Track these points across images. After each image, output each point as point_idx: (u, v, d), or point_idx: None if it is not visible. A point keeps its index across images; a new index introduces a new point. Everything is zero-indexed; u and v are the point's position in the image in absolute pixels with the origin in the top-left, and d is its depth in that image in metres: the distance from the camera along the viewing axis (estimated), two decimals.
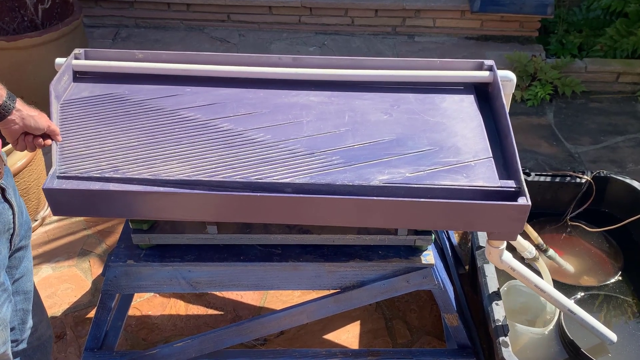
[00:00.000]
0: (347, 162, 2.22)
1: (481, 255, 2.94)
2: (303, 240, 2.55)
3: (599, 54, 5.21)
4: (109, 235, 3.75)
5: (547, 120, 4.74)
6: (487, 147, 2.30)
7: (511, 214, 2.12)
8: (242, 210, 2.17)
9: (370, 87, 2.58)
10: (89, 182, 2.15)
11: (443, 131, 2.37)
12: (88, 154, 2.24)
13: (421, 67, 2.60)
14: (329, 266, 2.56)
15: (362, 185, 2.14)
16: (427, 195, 2.14)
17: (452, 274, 3.27)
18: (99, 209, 2.20)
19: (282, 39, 5.60)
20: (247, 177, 2.15)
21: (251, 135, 2.32)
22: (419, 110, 2.47)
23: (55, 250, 3.65)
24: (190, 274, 2.56)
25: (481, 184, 2.15)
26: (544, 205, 3.37)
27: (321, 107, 2.48)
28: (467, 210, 2.12)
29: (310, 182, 2.15)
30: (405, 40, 5.57)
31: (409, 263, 2.56)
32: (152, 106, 2.44)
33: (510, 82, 2.54)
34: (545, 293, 2.62)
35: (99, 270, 3.51)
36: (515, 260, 2.54)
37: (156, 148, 2.27)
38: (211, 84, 2.56)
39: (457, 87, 2.59)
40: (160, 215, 2.21)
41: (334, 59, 2.61)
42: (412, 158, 2.24)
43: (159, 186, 2.14)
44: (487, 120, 2.44)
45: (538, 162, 4.30)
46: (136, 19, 5.69)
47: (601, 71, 5.04)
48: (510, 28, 5.50)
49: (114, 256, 2.56)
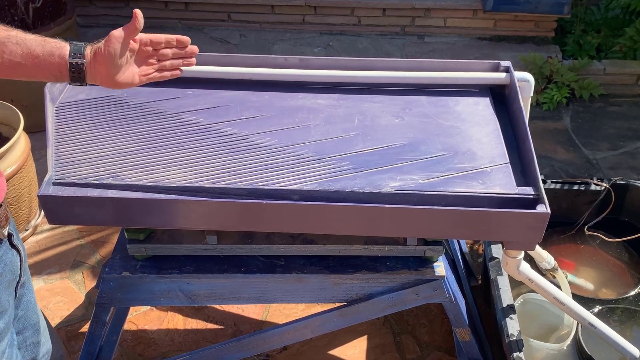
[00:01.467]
0: (356, 168, 2.23)
1: (494, 266, 2.94)
2: (307, 251, 2.55)
3: (618, 55, 5.20)
4: (103, 245, 3.75)
5: (563, 124, 4.75)
6: (504, 152, 2.30)
7: (529, 222, 2.13)
8: (247, 218, 2.17)
9: (380, 90, 2.59)
10: (86, 189, 2.16)
11: (457, 135, 2.37)
12: (85, 160, 2.25)
13: (434, 68, 2.60)
14: (335, 278, 2.56)
15: (373, 193, 2.15)
16: (441, 202, 2.14)
17: (464, 286, 3.27)
18: (97, 217, 2.20)
19: (285, 39, 5.61)
20: (251, 184, 2.16)
21: (256, 140, 2.33)
22: (432, 114, 2.47)
23: (46, 261, 3.65)
24: (188, 287, 2.56)
25: (498, 191, 2.15)
26: (560, 214, 3.36)
27: (329, 110, 2.48)
28: (483, 219, 2.12)
29: (318, 189, 2.15)
30: (415, 41, 5.58)
31: (418, 275, 2.57)
32: (151, 109, 2.45)
33: (528, 84, 2.54)
34: (564, 306, 2.62)
35: (93, 283, 3.52)
36: (534, 271, 2.54)
37: (156, 153, 2.27)
38: (214, 86, 2.56)
39: (472, 90, 2.59)
40: (161, 223, 2.21)
41: (342, 60, 2.61)
42: (425, 164, 2.24)
43: (160, 193, 2.15)
44: (503, 124, 2.44)
45: (554, 169, 4.30)
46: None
47: (620, 73, 5.04)
48: (525, 28, 5.51)
49: (108, 267, 2.57)
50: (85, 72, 1.80)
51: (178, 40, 1.91)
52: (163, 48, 1.91)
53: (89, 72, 1.81)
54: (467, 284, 3.31)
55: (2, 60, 1.71)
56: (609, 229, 3.38)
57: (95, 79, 1.84)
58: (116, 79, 1.85)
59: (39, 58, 1.74)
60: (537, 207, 2.12)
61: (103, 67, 1.81)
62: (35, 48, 1.73)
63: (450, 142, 2.34)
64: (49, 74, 1.78)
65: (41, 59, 1.74)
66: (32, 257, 3.66)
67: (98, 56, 1.80)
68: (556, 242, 3.38)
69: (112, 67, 1.82)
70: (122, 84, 1.87)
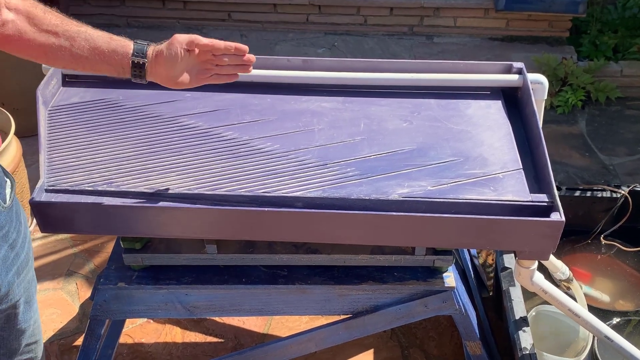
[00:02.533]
0: (362, 174, 2.23)
1: (506, 277, 2.94)
2: (311, 261, 2.55)
3: (636, 56, 5.20)
4: (98, 255, 3.76)
5: (578, 129, 4.75)
6: (517, 158, 2.30)
7: (543, 230, 2.12)
8: (248, 226, 2.17)
9: (387, 92, 2.59)
10: (80, 196, 2.16)
11: (468, 140, 2.37)
12: (79, 165, 2.25)
13: (444, 69, 2.60)
14: (340, 289, 2.56)
15: (380, 200, 2.15)
16: (451, 210, 2.14)
17: (475, 297, 3.27)
18: (91, 226, 2.20)
19: (287, 39, 5.62)
20: (253, 191, 2.16)
21: (257, 145, 2.33)
22: (441, 117, 2.48)
23: (38, 271, 3.62)
24: (187, 298, 2.56)
25: (510, 198, 2.15)
26: (576, 222, 3.36)
27: (334, 113, 2.49)
28: (495, 227, 2.12)
29: (322, 196, 2.15)
30: (423, 41, 5.58)
31: (427, 286, 2.56)
32: (148, 113, 2.45)
33: (542, 87, 2.54)
34: (580, 318, 2.62)
35: (87, 294, 3.52)
36: (548, 282, 2.54)
37: (153, 159, 2.28)
38: (213, 89, 2.55)
39: (483, 92, 2.60)
40: (158, 232, 2.21)
41: (348, 61, 2.61)
42: (435, 170, 2.25)
43: (157, 200, 2.15)
44: (516, 128, 2.45)
45: (569, 175, 4.30)
46: (128, 18, 5.71)
47: (639, 75, 5.04)
48: (539, 28, 5.51)
49: (103, 278, 2.56)
50: (146, 71, 1.97)
51: (237, 48, 2.03)
52: (222, 55, 2.04)
53: (149, 71, 1.97)
54: (478, 295, 3.30)
55: (70, 53, 1.89)
56: (627, 237, 3.37)
57: (155, 78, 2.01)
58: (174, 80, 2.01)
59: (104, 54, 1.92)
60: (552, 215, 2.11)
61: (163, 68, 1.98)
62: (101, 44, 1.91)
63: (460, 147, 2.34)
64: (112, 69, 1.95)
65: (106, 55, 1.92)
66: None
67: (159, 58, 1.97)
68: (571, 251, 3.37)
69: (172, 69, 1.99)
70: (179, 84, 2.03)
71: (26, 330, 2.21)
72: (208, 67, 2.05)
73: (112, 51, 1.92)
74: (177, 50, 1.97)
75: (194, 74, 2.03)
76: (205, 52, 2.01)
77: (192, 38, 1.98)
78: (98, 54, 1.91)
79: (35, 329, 2.29)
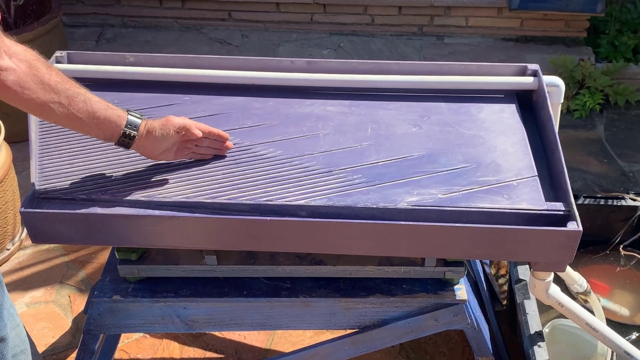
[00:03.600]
0: (370, 181, 2.23)
1: (521, 289, 2.93)
2: (316, 273, 2.55)
3: None
4: (91, 266, 3.76)
5: (596, 134, 4.74)
6: (532, 164, 2.30)
7: (560, 240, 2.12)
8: (249, 236, 2.17)
9: (396, 96, 2.59)
10: (73, 204, 2.16)
11: (480, 146, 2.37)
12: (72, 172, 2.25)
13: (455, 72, 2.61)
14: (346, 302, 2.55)
15: (388, 208, 2.15)
16: (462, 219, 2.14)
17: (488, 311, 3.26)
18: (85, 236, 2.21)
19: (291, 40, 5.62)
20: (254, 199, 2.16)
21: (259, 151, 2.34)
22: (452, 122, 2.48)
23: (29, 283, 3.65)
24: (185, 312, 2.56)
25: (525, 207, 2.15)
26: (594, 232, 3.36)
27: (340, 118, 2.49)
28: (509, 237, 2.12)
29: (327, 204, 2.15)
30: (434, 42, 5.58)
31: (437, 299, 2.56)
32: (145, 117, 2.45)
33: (558, 90, 2.54)
34: (598, 332, 2.62)
35: (81, 307, 3.51)
36: (564, 294, 2.54)
37: (150, 165, 2.28)
38: (213, 92, 2.57)
39: (497, 96, 2.59)
40: (155, 242, 2.21)
41: (354, 62, 2.61)
42: (445, 177, 2.25)
43: (154, 209, 2.15)
44: (531, 133, 2.45)
45: (586, 183, 4.29)
46: (123, 18, 5.71)
47: None
48: (555, 28, 5.50)
49: (97, 290, 2.56)
50: (133, 142, 2.13)
51: (219, 135, 2.29)
52: (203, 137, 2.27)
53: (136, 143, 2.14)
54: (491, 308, 3.30)
55: (67, 112, 1.99)
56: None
57: (139, 149, 2.18)
58: (156, 155, 2.21)
59: (99, 120, 2.05)
60: (568, 225, 2.11)
61: (150, 144, 2.16)
62: (98, 110, 2.05)
63: (472, 153, 2.34)
64: (101, 134, 2.10)
65: (100, 122, 2.05)
66: (14, 279, 3.66)
67: (150, 135, 2.15)
68: (589, 262, 3.37)
69: (159, 147, 2.19)
70: (159, 158, 2.23)
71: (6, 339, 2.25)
72: (188, 146, 2.26)
73: (106, 119, 2.06)
74: (169, 132, 2.17)
75: (173, 150, 2.23)
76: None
77: (186, 125, 2.19)
78: (94, 119, 2.03)
79: (17, 338, 2.31)
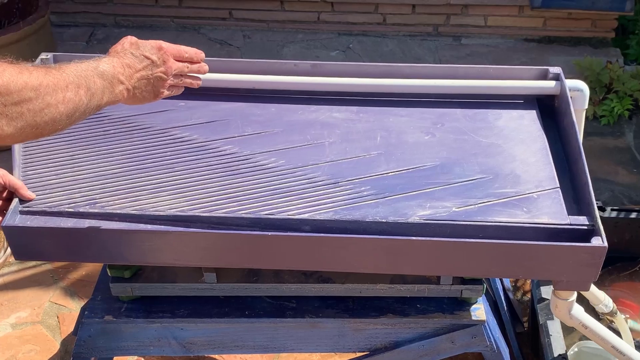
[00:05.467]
0: (379, 193, 2.23)
1: (543, 309, 2.93)
2: (323, 291, 2.54)
3: None
4: (82, 284, 3.76)
5: (625, 141, 4.74)
6: (553, 175, 2.30)
7: (583, 257, 2.11)
8: (249, 253, 2.17)
9: (407, 101, 2.59)
10: (60, 219, 2.16)
11: (498, 155, 2.37)
12: (58, 184, 2.25)
13: (472, 75, 2.61)
14: (355, 323, 2.55)
15: (398, 223, 2.14)
16: (478, 234, 2.13)
17: (508, 332, 3.26)
18: (72, 252, 2.21)
19: (296, 41, 5.63)
20: (255, 213, 2.16)
21: (260, 161, 2.34)
22: (468, 129, 2.48)
23: (15, 303, 3.65)
24: (182, 333, 2.56)
25: (546, 221, 2.15)
26: (621, 247, 3.35)
27: (347, 125, 2.49)
28: (529, 254, 2.11)
29: (333, 218, 2.15)
30: (450, 43, 5.59)
31: (454, 319, 2.56)
32: (137, 124, 2.46)
33: (582, 94, 2.54)
34: (625, 356, 2.61)
35: (70, 328, 3.52)
36: (589, 315, 2.53)
37: (142, 176, 2.28)
38: (210, 97, 2.57)
39: (516, 101, 2.60)
40: (147, 259, 2.22)
41: (363, 65, 2.62)
42: (460, 188, 2.25)
43: (147, 224, 2.15)
44: (553, 141, 2.45)
45: (614, 194, 4.29)
46: (116, 17, 5.73)
47: None
48: (580, 28, 5.51)
49: (88, 310, 2.57)
50: None
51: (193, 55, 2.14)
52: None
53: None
54: (512, 329, 3.30)
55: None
56: None
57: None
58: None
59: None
60: (592, 240, 2.10)
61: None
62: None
63: (489, 163, 2.34)
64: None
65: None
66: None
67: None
68: (616, 280, 3.37)
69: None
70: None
71: None
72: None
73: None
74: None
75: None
76: None
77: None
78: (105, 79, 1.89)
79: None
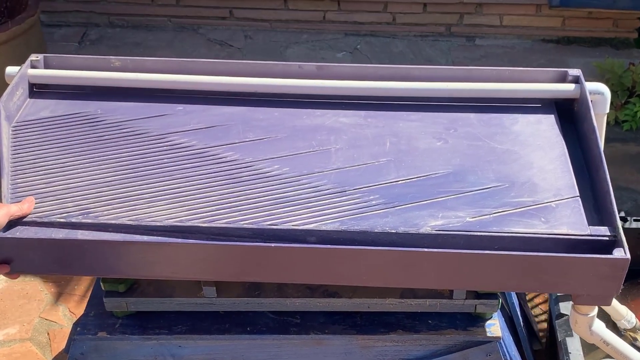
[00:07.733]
0: (388, 202, 2.23)
1: (562, 325, 2.93)
2: (329, 306, 2.55)
3: None
4: (74, 299, 3.76)
5: None
6: (573, 183, 2.30)
7: (604, 270, 2.11)
8: (251, 266, 2.18)
9: (418, 105, 2.60)
10: (51, 230, 2.16)
11: (514, 162, 2.38)
12: (49, 193, 2.26)
13: (486, 78, 2.61)
14: (363, 340, 2.56)
15: (409, 234, 2.14)
16: (494, 246, 2.13)
17: (525, 350, 3.26)
18: (64, 265, 2.21)
19: (301, 41, 5.64)
20: (257, 223, 2.16)
21: (263, 168, 2.34)
22: (482, 135, 2.48)
23: (3, 318, 3.66)
24: (180, 351, 2.57)
25: (565, 232, 2.15)
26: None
27: (354, 130, 2.50)
28: (547, 266, 2.11)
29: (340, 228, 2.15)
30: (463, 44, 5.60)
31: (467, 335, 2.56)
32: (132, 130, 2.47)
33: (603, 98, 2.54)
34: None
35: (61, 346, 3.52)
36: (610, 331, 2.53)
37: (138, 185, 2.29)
38: (210, 101, 2.58)
39: (533, 105, 2.60)
40: (144, 272, 2.22)
41: (371, 67, 2.62)
42: (474, 197, 2.25)
43: (143, 234, 2.15)
44: (572, 148, 2.45)
45: (637, 204, 4.29)
46: (110, 16, 5.75)
47: None
48: (601, 28, 5.51)
49: (80, 327, 2.57)
50: None
51: None
52: None
53: None
54: (529, 347, 3.30)
55: None
56: None
57: None
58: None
59: None
60: (614, 252, 2.10)
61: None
62: None
63: (505, 171, 2.35)
64: None
65: None
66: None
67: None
68: (638, 295, 3.36)
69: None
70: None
71: None
72: None
73: None
74: None
75: None
76: None
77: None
78: None
79: None
